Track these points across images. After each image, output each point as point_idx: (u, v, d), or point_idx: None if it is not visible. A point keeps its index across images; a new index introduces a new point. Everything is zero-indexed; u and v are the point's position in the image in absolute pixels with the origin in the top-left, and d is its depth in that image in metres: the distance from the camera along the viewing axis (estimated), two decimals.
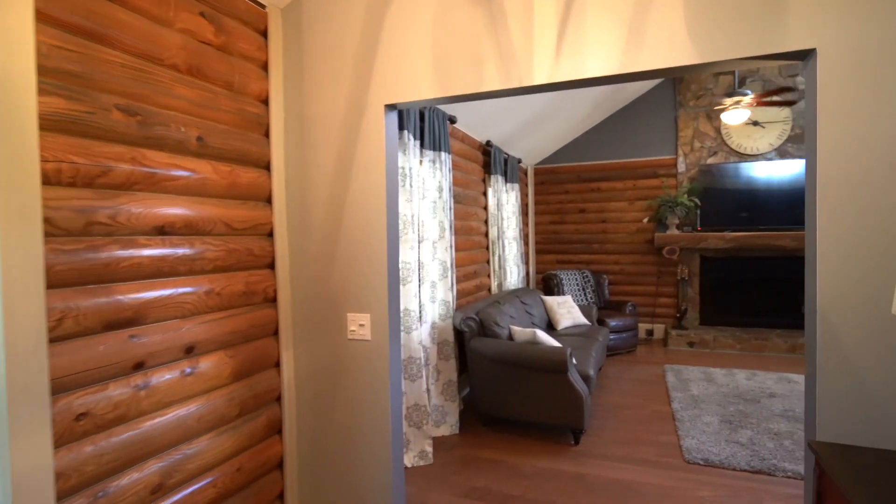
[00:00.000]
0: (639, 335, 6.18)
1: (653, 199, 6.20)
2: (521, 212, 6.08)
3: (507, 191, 5.46)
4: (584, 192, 6.68)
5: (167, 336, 1.61)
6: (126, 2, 1.49)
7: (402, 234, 3.04)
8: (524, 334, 3.42)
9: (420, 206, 3.37)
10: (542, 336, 3.34)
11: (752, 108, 4.75)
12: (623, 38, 1.64)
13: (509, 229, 5.48)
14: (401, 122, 3.03)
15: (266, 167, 2.09)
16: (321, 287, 2.10)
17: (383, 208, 1.98)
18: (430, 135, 3.45)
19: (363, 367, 2.04)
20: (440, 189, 3.56)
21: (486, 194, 5.01)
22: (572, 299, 5.29)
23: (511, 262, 5.47)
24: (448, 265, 3.62)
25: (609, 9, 1.65)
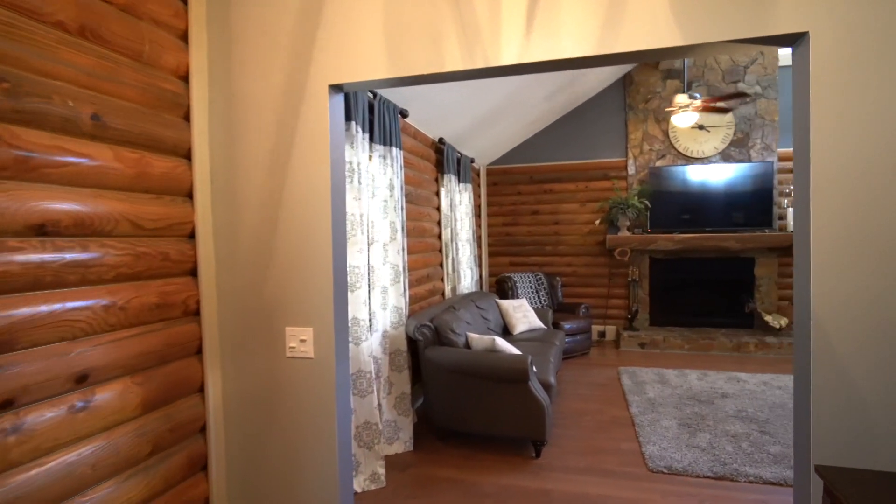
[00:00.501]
0: (592, 337, 6.16)
1: (604, 201, 6.20)
2: (474, 213, 5.92)
3: (460, 191, 5.27)
4: (536, 193, 6.61)
5: (49, 363, 1.27)
6: None
7: (350, 235, 2.76)
8: (482, 342, 3.23)
9: (370, 206, 3.11)
10: (501, 343, 3.15)
11: (701, 111, 4.80)
12: (601, 16, 1.46)
13: (463, 231, 5.29)
14: (348, 113, 2.75)
15: (186, 156, 1.76)
16: (254, 297, 1.80)
17: (328, 205, 1.71)
18: (380, 128, 3.18)
19: (305, 390, 1.76)
20: (391, 187, 3.31)
21: (438, 194, 4.80)
22: (528, 302, 5.17)
23: (465, 264, 5.28)
24: (400, 269, 3.36)
25: None
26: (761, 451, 2.98)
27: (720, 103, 5.34)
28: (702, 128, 5.89)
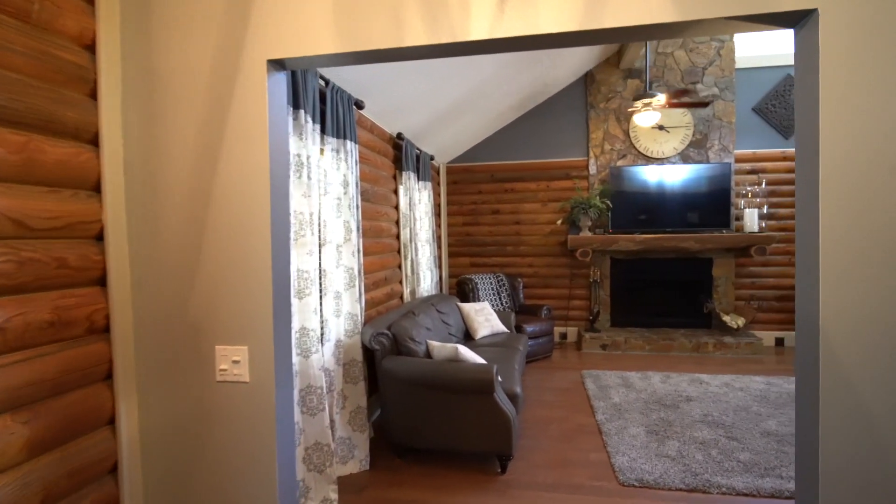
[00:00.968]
0: (554, 339, 6.06)
1: (566, 201, 6.12)
2: (434, 212, 5.70)
3: (419, 189, 5.04)
4: (497, 192, 6.46)
5: None
6: None
7: (298, 236, 2.49)
8: (444, 350, 3.01)
9: (322, 203, 2.84)
10: (464, 352, 2.95)
11: (663, 109, 4.77)
12: None
13: (422, 231, 5.07)
14: (296, 100, 2.48)
15: (92, 141, 1.46)
16: (178, 310, 1.51)
17: (266, 201, 1.45)
18: (333, 119, 2.92)
19: (239, 419, 1.49)
20: (345, 184, 3.04)
21: (397, 192, 4.55)
22: (489, 305, 5.00)
23: (424, 266, 5.05)
24: (355, 272, 3.11)
25: None
26: (731, 459, 2.91)
27: (684, 98, 5.34)
28: (662, 128, 5.90)
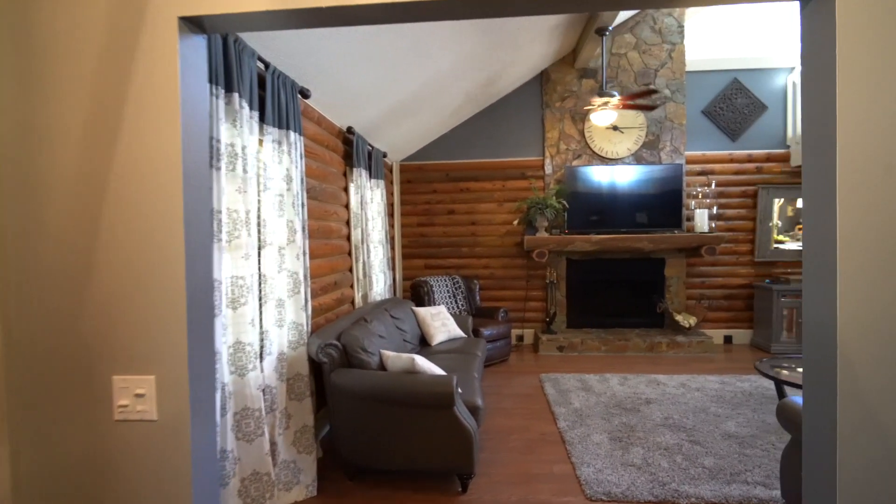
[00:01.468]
0: (511, 342, 5.94)
1: (522, 201, 6.01)
2: (387, 212, 5.44)
3: (371, 187, 4.77)
4: (452, 192, 6.27)
5: None
6: None
7: (231, 237, 2.18)
8: (399, 361, 2.77)
9: (262, 200, 2.53)
10: (422, 363, 2.72)
11: (619, 109, 4.73)
12: None
13: (374, 231, 4.80)
14: (229, 82, 2.17)
15: None
16: (63, 332, 1.20)
17: (178, 194, 1.17)
18: (273, 107, 2.61)
19: (145, 466, 1.20)
20: (289, 179, 2.75)
21: (347, 190, 4.26)
22: (446, 309, 4.79)
23: (377, 268, 4.78)
24: (301, 277, 2.81)
25: None
26: (696, 465, 2.83)
27: (639, 100, 5.34)
28: (616, 128, 5.89)
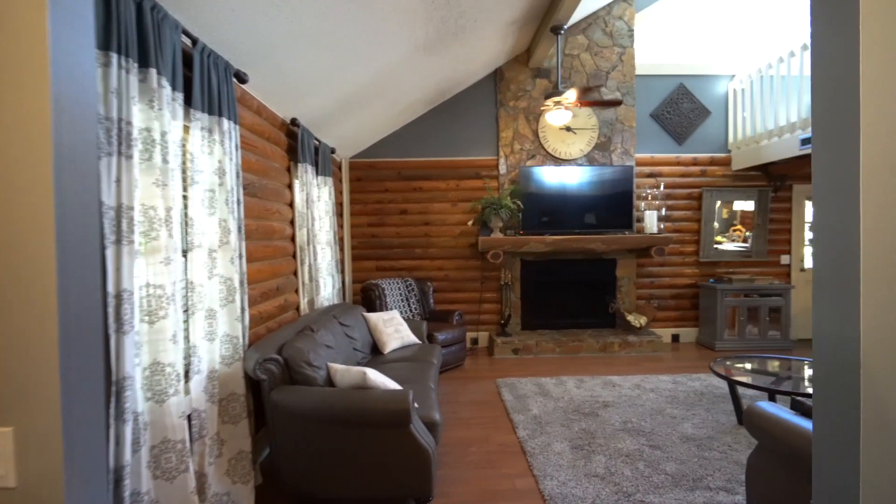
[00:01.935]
0: (466, 345, 5.77)
1: (476, 201, 5.86)
2: (336, 211, 5.13)
3: (318, 185, 4.45)
4: (405, 191, 6.03)
5: None
6: None
7: (146, 238, 1.85)
8: (349, 376, 2.51)
9: (189, 196, 2.21)
10: (374, 377, 2.48)
11: (576, 108, 4.66)
12: None
13: (322, 231, 4.48)
14: (144, 55, 1.84)
15: None
16: None
17: (48, 184, 0.88)
18: (203, 90, 2.29)
19: None
20: (221, 172, 2.43)
21: (291, 187, 3.94)
22: (399, 314, 4.55)
23: (325, 271, 4.47)
24: (236, 283, 2.50)
25: None
26: (658, 472, 2.75)
27: (594, 94, 5.30)
28: (569, 129, 5.85)
